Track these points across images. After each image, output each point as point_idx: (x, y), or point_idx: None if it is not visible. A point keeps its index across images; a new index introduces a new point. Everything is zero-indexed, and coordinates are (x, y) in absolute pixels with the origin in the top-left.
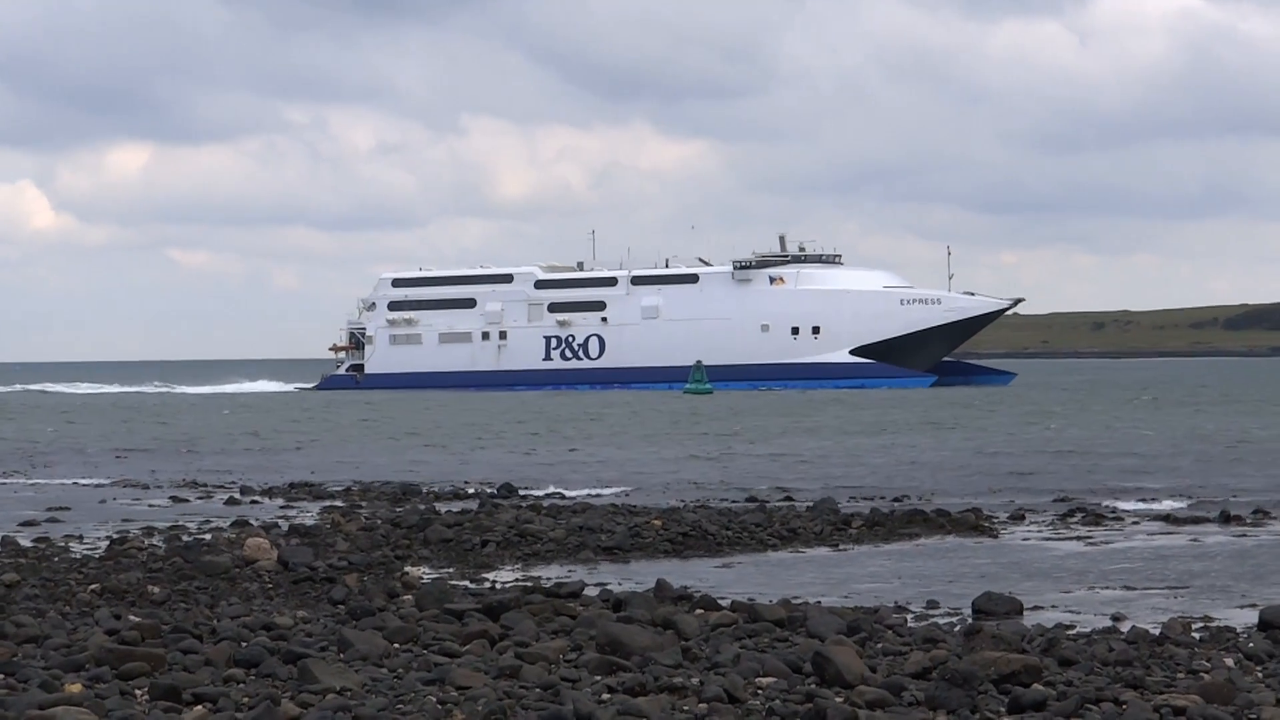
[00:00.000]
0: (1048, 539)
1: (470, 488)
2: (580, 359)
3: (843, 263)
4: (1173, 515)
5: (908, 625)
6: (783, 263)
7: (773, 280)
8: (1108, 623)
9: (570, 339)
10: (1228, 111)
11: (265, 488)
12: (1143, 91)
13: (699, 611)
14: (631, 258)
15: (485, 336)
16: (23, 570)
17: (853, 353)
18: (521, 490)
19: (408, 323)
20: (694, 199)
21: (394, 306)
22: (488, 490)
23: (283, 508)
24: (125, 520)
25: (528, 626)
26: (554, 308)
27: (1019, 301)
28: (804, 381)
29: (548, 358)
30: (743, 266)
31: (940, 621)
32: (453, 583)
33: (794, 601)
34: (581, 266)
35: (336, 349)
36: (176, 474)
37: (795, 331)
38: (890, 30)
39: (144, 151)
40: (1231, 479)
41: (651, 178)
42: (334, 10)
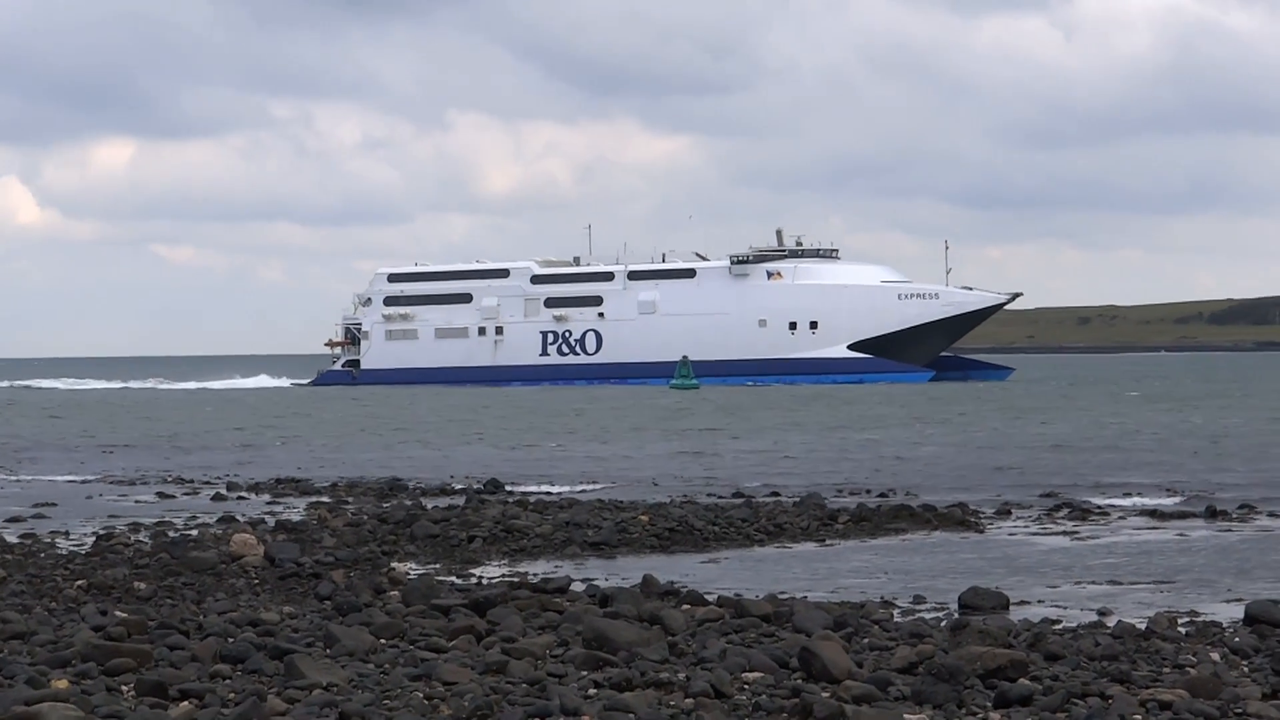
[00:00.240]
0: (1034, 534)
1: (457, 483)
2: (577, 354)
3: (840, 257)
4: (1159, 510)
5: (894, 620)
6: (780, 257)
7: (770, 275)
8: (1094, 617)
9: (567, 334)
10: (1212, 106)
11: (251, 483)
12: (1127, 87)
13: (685, 607)
14: (628, 252)
15: (482, 332)
16: (9, 566)
17: (850, 348)
18: (508, 485)
19: (404, 318)
20: (680, 194)
21: (390, 302)
22: (474, 486)
23: (269, 503)
24: (111, 516)
25: (514, 622)
26: (550, 303)
27: (1016, 296)
28: (802, 377)
29: (544, 353)
30: (740, 261)
31: (926, 616)
32: (439, 578)
33: (780, 596)
34: (578, 261)
35: (332, 344)
36: (163, 470)
37: (793, 326)
38: (876, 26)
39: (129, 147)
40: (1217, 474)
41: (637, 173)
42: (319, 5)
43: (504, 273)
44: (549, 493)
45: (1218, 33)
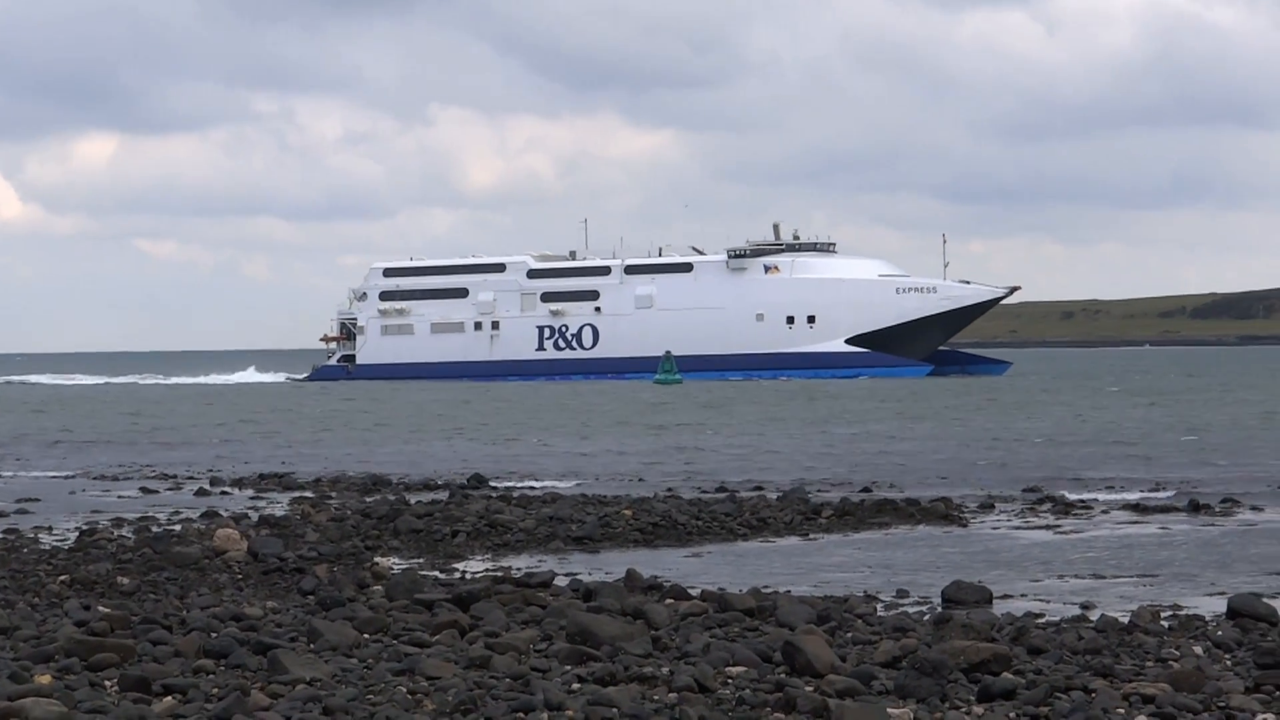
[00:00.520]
0: (1017, 528)
1: (440, 478)
2: (574, 349)
3: (837, 251)
4: (1141, 504)
5: (877, 614)
6: (777, 251)
7: (767, 269)
8: (1077, 611)
9: (563, 329)
10: (1195, 100)
11: (235, 478)
12: (1110, 81)
13: (669, 601)
14: (624, 246)
15: (478, 326)
16: None
17: (848, 342)
18: (492, 481)
19: (399, 313)
20: (664, 188)
21: (385, 296)
22: (458, 481)
23: (252, 499)
24: (94, 511)
25: (498, 616)
26: (547, 297)
27: (1014, 290)
28: (799, 371)
29: (541, 348)
30: (737, 255)
31: (910, 610)
32: (423, 573)
33: (764, 591)
34: (574, 256)
35: (328, 339)
36: (146, 465)
37: (790, 321)
38: (858, 20)
39: (111, 142)
40: (1199, 468)
41: (620, 167)
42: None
43: (500, 267)
44: (532, 487)
45: (1200, 27)
